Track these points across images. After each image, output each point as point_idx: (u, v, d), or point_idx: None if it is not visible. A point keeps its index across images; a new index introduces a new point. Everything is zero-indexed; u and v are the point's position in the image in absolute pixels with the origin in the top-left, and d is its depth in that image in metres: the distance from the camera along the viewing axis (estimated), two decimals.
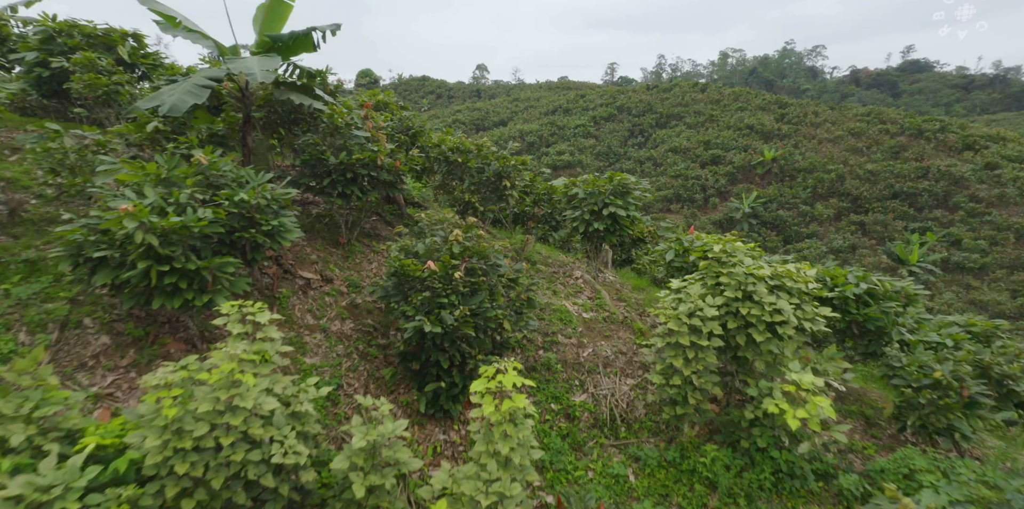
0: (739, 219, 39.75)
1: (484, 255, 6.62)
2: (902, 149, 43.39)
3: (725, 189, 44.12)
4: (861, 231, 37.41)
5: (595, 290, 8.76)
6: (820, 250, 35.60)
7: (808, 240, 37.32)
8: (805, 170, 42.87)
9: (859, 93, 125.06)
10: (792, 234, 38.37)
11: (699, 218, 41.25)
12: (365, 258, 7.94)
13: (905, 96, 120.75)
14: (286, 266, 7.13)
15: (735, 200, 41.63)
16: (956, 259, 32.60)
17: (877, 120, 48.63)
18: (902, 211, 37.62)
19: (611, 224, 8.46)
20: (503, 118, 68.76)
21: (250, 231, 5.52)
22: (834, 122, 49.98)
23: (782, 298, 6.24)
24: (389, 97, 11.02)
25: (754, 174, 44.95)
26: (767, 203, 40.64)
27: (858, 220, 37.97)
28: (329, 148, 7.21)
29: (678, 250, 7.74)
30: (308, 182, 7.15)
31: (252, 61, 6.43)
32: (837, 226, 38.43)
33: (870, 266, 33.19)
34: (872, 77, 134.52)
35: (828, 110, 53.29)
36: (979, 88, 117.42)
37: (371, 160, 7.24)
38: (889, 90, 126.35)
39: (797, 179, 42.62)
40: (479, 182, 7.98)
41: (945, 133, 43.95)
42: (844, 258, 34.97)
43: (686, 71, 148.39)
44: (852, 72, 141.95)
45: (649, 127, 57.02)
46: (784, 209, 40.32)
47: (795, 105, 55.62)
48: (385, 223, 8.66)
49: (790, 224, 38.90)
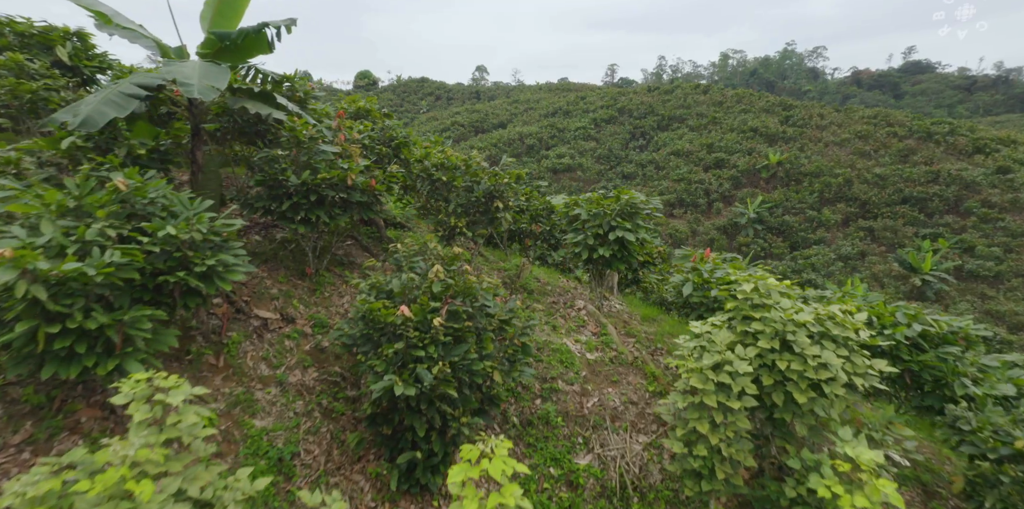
0: (744, 225, 38.70)
1: (471, 293, 5.58)
2: (911, 152, 42.34)
3: (729, 193, 43.07)
4: (870, 237, 36.36)
5: (600, 324, 7.70)
6: (828, 257, 34.55)
7: (816, 246, 36.27)
8: (811, 174, 41.83)
9: (861, 94, 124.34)
10: (799, 240, 37.33)
11: (703, 223, 40.21)
12: (336, 291, 6.89)
13: (907, 97, 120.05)
14: (239, 304, 6.08)
15: (740, 205, 40.59)
16: (970, 267, 31.54)
17: (884, 122, 47.59)
18: (912, 216, 36.58)
19: (618, 250, 7.40)
20: (502, 120, 67.76)
21: (178, 274, 4.46)
22: (840, 124, 48.94)
23: (827, 349, 5.20)
24: (371, 103, 9.98)
25: (759, 178, 43.91)
26: (773, 208, 39.60)
27: (867, 226, 36.93)
28: (291, 166, 6.16)
29: (697, 282, 6.70)
30: (266, 205, 6.11)
31: (192, 68, 5.39)
32: (845, 232, 37.38)
33: (881, 274, 32.16)
34: (874, 78, 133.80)
35: (834, 112, 52.26)
36: (982, 89, 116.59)
37: (340, 179, 6.19)
38: (891, 91, 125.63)
39: (803, 183, 41.57)
40: (467, 203, 6.93)
41: (955, 136, 42.92)
42: (853, 265, 33.93)
43: (687, 72, 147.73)
44: (853, 73, 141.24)
45: (651, 129, 56.01)
46: (790, 214, 39.28)
47: (800, 107, 54.60)
48: (361, 248, 7.60)
49: (797, 230, 37.85)
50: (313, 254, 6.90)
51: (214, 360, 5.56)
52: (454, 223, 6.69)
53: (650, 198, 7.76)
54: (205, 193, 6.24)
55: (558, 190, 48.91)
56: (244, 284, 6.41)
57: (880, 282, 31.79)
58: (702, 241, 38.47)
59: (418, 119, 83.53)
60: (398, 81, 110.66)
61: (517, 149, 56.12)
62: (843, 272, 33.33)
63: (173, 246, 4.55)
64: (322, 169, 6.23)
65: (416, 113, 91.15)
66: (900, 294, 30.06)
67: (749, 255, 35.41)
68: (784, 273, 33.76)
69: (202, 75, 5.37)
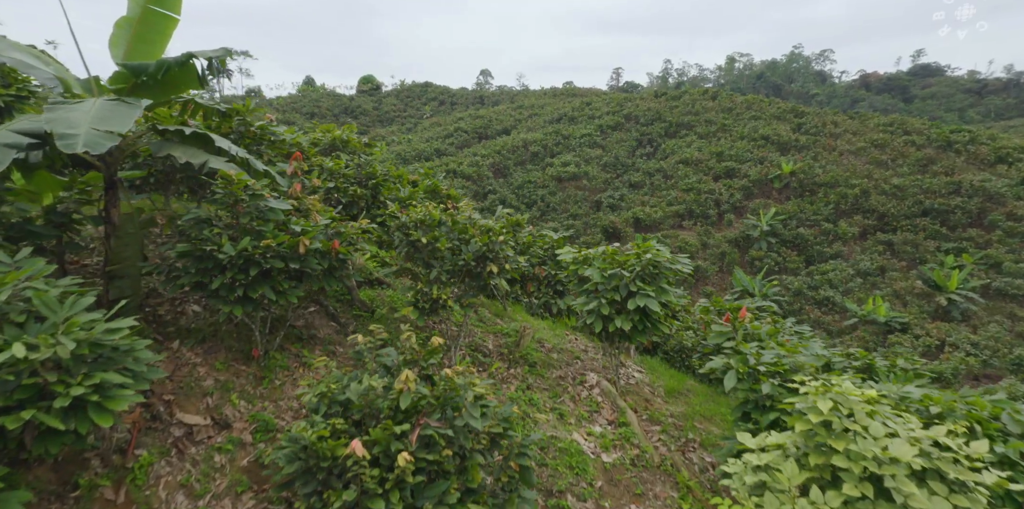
0: (757, 237, 37.22)
1: (452, 403, 4.23)
2: (930, 162, 40.77)
3: (740, 204, 41.59)
4: (890, 251, 34.80)
5: (617, 407, 6.32)
6: (846, 272, 33.02)
7: (832, 261, 34.75)
8: (826, 184, 40.30)
9: (870, 98, 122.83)
10: (814, 254, 35.80)
11: (713, 235, 38.74)
12: (289, 378, 5.53)
13: (917, 101, 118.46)
14: (156, 408, 4.74)
15: (752, 216, 39.11)
16: (997, 285, 29.94)
17: (901, 130, 46.02)
18: (933, 230, 35.00)
19: (640, 320, 6.03)
20: (506, 126, 66.51)
21: (21, 414, 3.12)
22: (855, 132, 47.39)
23: (938, 494, 3.83)
24: (350, 133, 8.65)
25: (771, 188, 42.41)
26: (786, 220, 38.09)
27: (886, 239, 35.37)
28: (226, 230, 4.82)
29: (742, 372, 5.30)
30: (193, 280, 4.77)
31: (84, 112, 4.06)
32: (863, 246, 35.84)
33: (903, 292, 30.64)
34: (882, 81, 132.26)
35: (848, 120, 50.71)
36: (993, 93, 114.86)
37: (290, 246, 4.85)
38: (900, 95, 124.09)
39: (818, 194, 40.04)
40: (453, 269, 5.57)
41: (975, 145, 41.32)
42: (873, 281, 32.39)
43: (693, 76, 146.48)
44: (861, 76, 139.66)
45: (658, 136, 54.60)
46: (805, 227, 37.76)
47: (812, 114, 53.08)
48: (327, 316, 6.26)
49: (812, 243, 36.33)
50: (262, 331, 5.55)
51: (112, 494, 4.21)
52: (436, 295, 5.33)
53: (677, 256, 6.38)
54: (117, 267, 4.91)
55: (563, 199, 47.58)
56: (169, 377, 5.06)
57: (903, 300, 30.26)
58: (713, 254, 37.04)
59: (421, 124, 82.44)
60: (402, 86, 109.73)
61: (521, 156, 54.83)
62: (862, 289, 31.81)
63: (27, 369, 3.23)
64: (268, 232, 4.89)
65: (419, 119, 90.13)
66: (925, 314, 28.52)
67: (763, 270, 34.01)
68: (800, 289, 32.30)
69: (96, 120, 4.04)
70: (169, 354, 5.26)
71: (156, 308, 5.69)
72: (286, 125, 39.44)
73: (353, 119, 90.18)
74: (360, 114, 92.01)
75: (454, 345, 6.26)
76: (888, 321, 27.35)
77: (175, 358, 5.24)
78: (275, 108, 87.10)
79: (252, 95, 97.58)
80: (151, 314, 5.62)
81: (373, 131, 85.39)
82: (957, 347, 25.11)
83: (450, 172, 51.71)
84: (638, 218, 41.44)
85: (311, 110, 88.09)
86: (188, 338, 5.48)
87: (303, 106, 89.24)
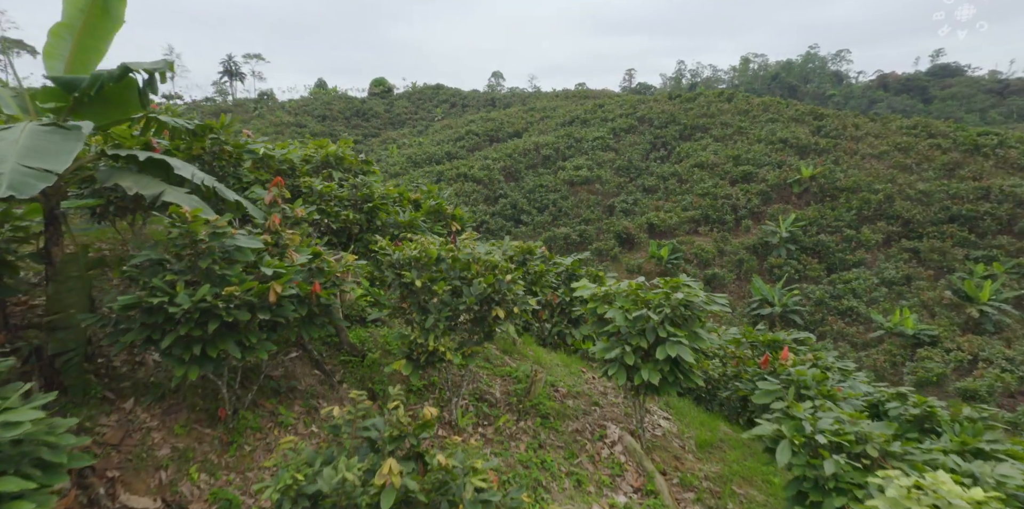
0: (776, 244, 36.04)
1: (448, 498, 3.43)
2: (956, 166, 39.31)
3: (758, 209, 40.39)
4: (915, 260, 33.48)
5: (643, 470, 5.47)
6: (870, 281, 31.79)
7: (855, 269, 33.49)
8: (848, 189, 39.00)
9: (888, 99, 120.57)
10: (836, 262, 34.56)
11: (730, 242, 37.62)
12: (262, 441, 4.75)
13: (936, 102, 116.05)
14: (95, 490, 3.98)
15: (770, 222, 37.92)
16: None
17: (925, 133, 44.53)
18: (961, 237, 33.62)
19: (670, 371, 5.18)
20: (518, 129, 65.70)
21: None
22: (877, 135, 45.97)
23: None
24: (346, 148, 7.87)
25: (790, 193, 41.18)
26: (807, 226, 36.85)
27: (911, 247, 34.05)
28: (181, 275, 4.05)
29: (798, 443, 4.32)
30: (144, 336, 4.01)
31: (9, 143, 3.32)
32: (887, 253, 34.54)
33: (931, 302, 29.37)
34: (901, 82, 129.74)
35: (869, 122, 49.27)
36: (1015, 93, 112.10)
37: (259, 294, 4.07)
38: (919, 95, 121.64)
39: (839, 199, 38.75)
40: (454, 314, 4.77)
41: (1004, 148, 39.79)
42: (899, 291, 31.13)
43: (706, 77, 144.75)
44: (879, 77, 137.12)
45: (672, 139, 53.47)
46: (826, 233, 36.50)
47: (832, 116, 51.65)
48: (310, 362, 5.48)
49: (834, 250, 35.08)
50: (231, 385, 4.77)
51: None
52: (433, 347, 4.52)
53: (713, 295, 5.52)
54: (58, 317, 4.16)
55: (575, 204, 46.66)
56: (116, 446, 4.30)
57: (931, 311, 28.99)
58: (730, 261, 35.93)
59: (432, 127, 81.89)
60: (413, 88, 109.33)
61: (533, 160, 53.99)
62: (888, 299, 30.57)
63: None
64: (233, 277, 4.11)
65: (431, 121, 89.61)
66: (955, 327, 27.25)
67: (783, 278, 32.87)
68: (822, 299, 31.12)
69: (25, 153, 3.30)
70: (120, 417, 4.50)
71: (110, 358, 4.94)
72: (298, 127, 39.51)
73: (365, 121, 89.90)
74: (371, 117, 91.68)
75: (455, 395, 5.45)
76: (916, 334, 26.14)
77: (127, 422, 4.48)
78: (287, 111, 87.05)
79: (264, 98, 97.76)
80: (104, 366, 4.86)
81: (384, 134, 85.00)
82: (991, 363, 23.86)
83: (461, 176, 51.01)
84: (652, 223, 40.41)
85: (323, 113, 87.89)
86: (145, 394, 4.72)
87: (315, 109, 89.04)
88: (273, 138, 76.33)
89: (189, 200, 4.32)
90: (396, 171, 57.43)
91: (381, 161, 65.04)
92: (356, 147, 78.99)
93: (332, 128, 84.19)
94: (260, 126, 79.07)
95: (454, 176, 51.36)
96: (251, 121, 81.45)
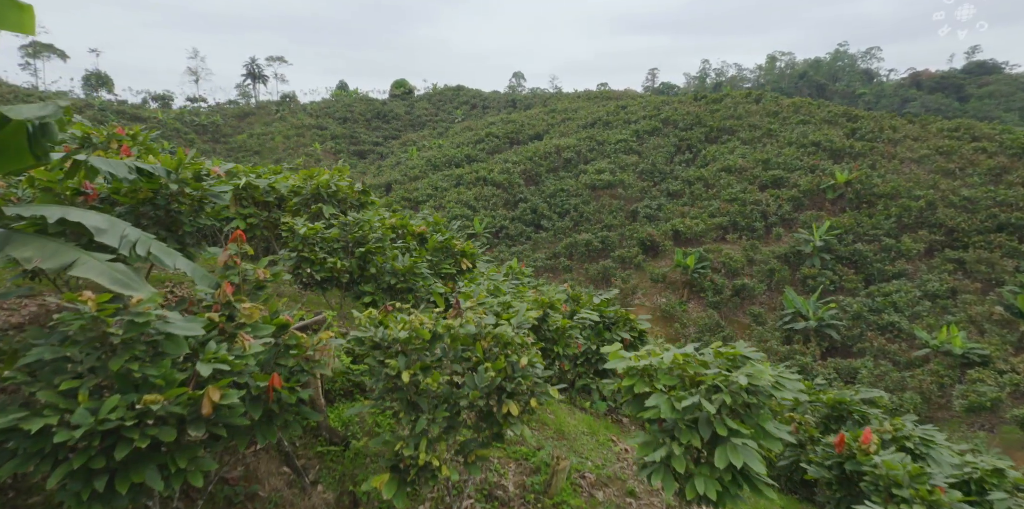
0: (809, 253, 34.31)
1: None
2: (1004, 171, 37.06)
3: (790, 216, 38.62)
4: (961, 271, 31.49)
5: None
6: (912, 294, 29.93)
7: (896, 281, 31.64)
8: (886, 196, 37.01)
9: (921, 97, 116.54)
10: (875, 273, 32.71)
11: (760, 250, 35.96)
12: None
13: (973, 100, 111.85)
14: None
15: (803, 230, 36.16)
16: None
17: (968, 136, 42.23)
18: (1010, 247, 31.51)
19: (732, 480, 4.05)
20: (539, 131, 64.55)
21: None
22: (916, 138, 43.76)
23: None
24: (340, 176, 6.83)
25: (824, 199, 39.30)
26: (842, 234, 35.03)
27: (955, 257, 32.05)
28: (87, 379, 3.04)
29: None
30: (32, 466, 3.02)
31: None
32: (930, 264, 32.59)
33: (979, 318, 27.47)
34: (935, 80, 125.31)
35: (907, 124, 47.01)
36: None
37: (190, 402, 3.05)
38: (954, 93, 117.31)
39: (877, 206, 36.79)
40: (452, 415, 3.69)
41: None
42: (943, 305, 29.23)
43: (731, 76, 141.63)
44: (911, 74, 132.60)
45: (698, 142, 51.76)
46: (863, 242, 34.63)
47: (867, 117, 49.45)
48: (279, 456, 4.45)
49: (871, 261, 33.23)
50: (166, 501, 3.76)
51: None
52: (423, 460, 3.45)
53: (785, 376, 4.36)
54: None
55: (597, 209, 45.32)
56: None
57: (979, 328, 27.09)
58: (760, 271, 34.31)
59: (452, 129, 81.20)
60: (434, 90, 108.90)
61: (554, 163, 52.79)
62: (932, 313, 28.70)
63: None
64: (159, 377, 3.09)
65: (451, 123, 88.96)
66: (1007, 345, 25.37)
67: (817, 290, 31.19)
68: (860, 312, 29.39)
69: None
70: None
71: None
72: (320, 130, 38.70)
73: (385, 123, 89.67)
74: (392, 118, 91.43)
75: (457, 500, 4.38)
76: (965, 353, 24.36)
77: None
78: (309, 113, 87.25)
79: (287, 100, 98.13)
80: None
81: (404, 136, 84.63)
82: None
83: (480, 179, 50.08)
84: (677, 230, 38.94)
85: (344, 115, 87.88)
86: None
87: (336, 111, 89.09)
88: (294, 140, 76.43)
89: (110, 272, 3.32)
90: (415, 174, 56.75)
91: (401, 164, 64.53)
92: (376, 149, 78.85)
93: (353, 130, 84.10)
94: (282, 128, 79.29)
95: (473, 180, 50.44)
96: (273, 123, 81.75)
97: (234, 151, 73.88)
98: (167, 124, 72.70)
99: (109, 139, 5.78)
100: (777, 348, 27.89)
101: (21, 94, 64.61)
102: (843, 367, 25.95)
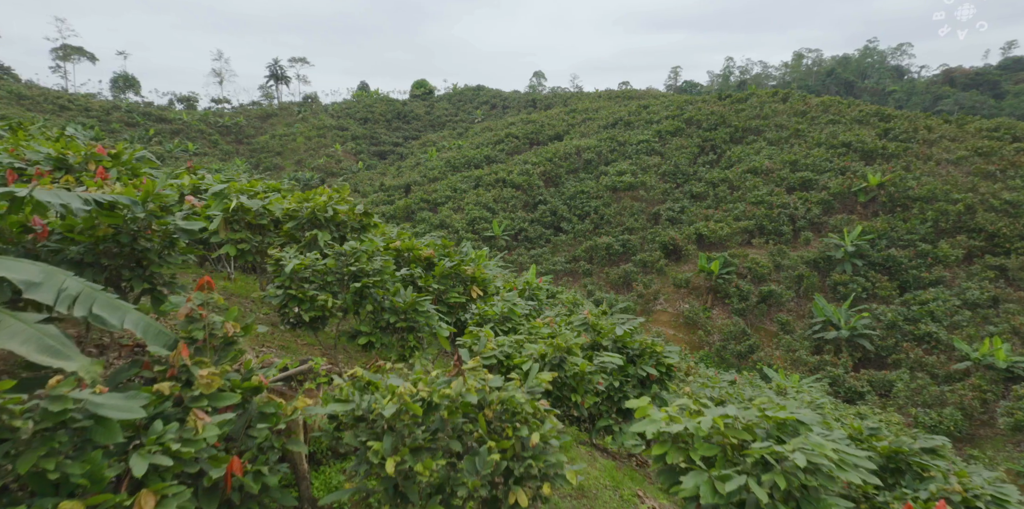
0: (840, 259, 33.01)
1: None
2: None
3: (819, 220, 37.27)
4: (1003, 279, 29.95)
5: None
6: (950, 303, 28.50)
7: (932, 288, 30.19)
8: (922, 199, 35.46)
9: (955, 95, 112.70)
10: (910, 280, 31.30)
11: (788, 256, 34.73)
12: None
13: (1009, 97, 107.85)
14: None
15: (833, 235, 34.82)
16: None
17: (1009, 136, 40.33)
18: None
19: None
20: (559, 132, 63.72)
21: None
22: (953, 138, 41.96)
23: None
24: (340, 197, 6.24)
25: (855, 202, 37.85)
26: (875, 239, 33.64)
27: (997, 264, 30.50)
28: None
29: None
30: None
31: None
32: (969, 271, 31.06)
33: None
34: (969, 77, 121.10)
35: (943, 124, 45.13)
36: None
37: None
38: (990, 90, 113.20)
39: (912, 210, 35.27)
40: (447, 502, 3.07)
41: None
42: (984, 315, 27.77)
43: (756, 73, 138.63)
44: (944, 71, 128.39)
45: (722, 143, 50.44)
46: (897, 247, 33.20)
47: (900, 117, 47.64)
48: None
49: (906, 267, 31.81)
50: None
51: None
52: None
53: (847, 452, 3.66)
54: None
55: (618, 211, 44.39)
56: None
57: None
58: (788, 277, 33.11)
59: (472, 129, 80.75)
60: (454, 90, 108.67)
61: (574, 164, 51.94)
62: (972, 324, 27.26)
63: None
64: (81, 476, 2.52)
65: (471, 123, 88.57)
66: None
67: (849, 298, 29.93)
68: (894, 321, 28.09)
69: None
70: None
71: None
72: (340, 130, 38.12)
73: (405, 124, 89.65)
74: (412, 119, 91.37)
75: None
76: (1010, 366, 23.04)
77: None
78: (330, 114, 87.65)
79: (308, 101, 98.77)
80: None
81: (424, 136, 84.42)
82: None
83: (499, 181, 49.46)
84: (701, 234, 37.84)
85: (364, 116, 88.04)
86: None
87: (357, 112, 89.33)
88: (315, 141, 76.61)
89: (39, 339, 2.77)
90: (435, 176, 56.36)
91: (420, 165, 64.20)
92: (396, 150, 78.79)
93: (373, 131, 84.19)
94: (303, 129, 79.69)
95: (492, 181, 49.85)
96: (295, 124, 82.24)
97: (256, 152, 74.46)
98: (192, 125, 73.56)
99: (87, 160, 5.28)
100: (806, 358, 26.79)
101: (51, 96, 65.80)
102: (877, 380, 24.77)
